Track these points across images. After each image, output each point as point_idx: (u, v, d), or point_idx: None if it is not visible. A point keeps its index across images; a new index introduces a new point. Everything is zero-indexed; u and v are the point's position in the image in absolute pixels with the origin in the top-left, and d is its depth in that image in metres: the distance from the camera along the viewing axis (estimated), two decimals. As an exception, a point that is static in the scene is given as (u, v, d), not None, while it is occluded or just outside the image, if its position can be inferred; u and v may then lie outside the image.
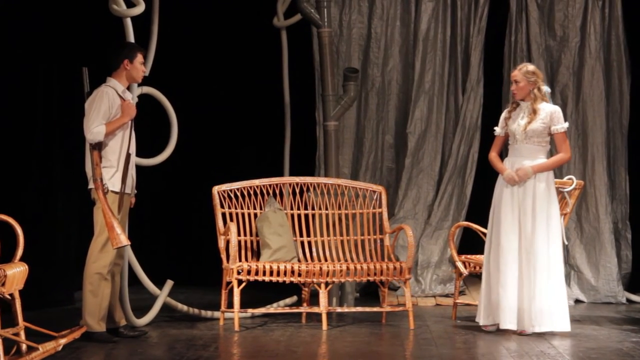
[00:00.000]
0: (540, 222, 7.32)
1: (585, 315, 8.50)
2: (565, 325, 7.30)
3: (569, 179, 7.87)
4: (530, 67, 7.54)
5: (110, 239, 6.70)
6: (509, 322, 7.28)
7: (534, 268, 7.28)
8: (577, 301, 9.40)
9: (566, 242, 8.74)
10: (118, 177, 6.86)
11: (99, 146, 6.81)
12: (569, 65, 9.65)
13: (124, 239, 6.72)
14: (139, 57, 7.02)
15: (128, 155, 6.88)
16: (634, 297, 9.45)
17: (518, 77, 7.45)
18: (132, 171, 6.98)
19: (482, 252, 8.12)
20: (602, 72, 9.60)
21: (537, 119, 7.40)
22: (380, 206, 8.16)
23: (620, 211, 9.64)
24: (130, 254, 7.59)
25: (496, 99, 9.72)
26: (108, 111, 6.85)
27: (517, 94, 7.48)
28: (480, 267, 8.09)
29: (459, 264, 8.20)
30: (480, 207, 9.51)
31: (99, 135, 6.78)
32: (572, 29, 9.64)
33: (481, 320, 7.45)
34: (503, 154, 7.67)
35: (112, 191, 6.84)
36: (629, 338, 7.29)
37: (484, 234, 8.11)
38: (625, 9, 9.58)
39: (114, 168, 6.87)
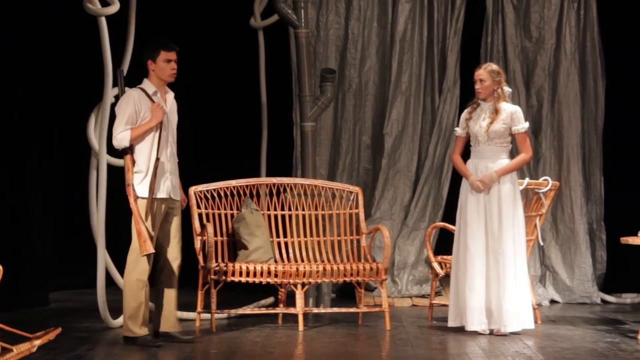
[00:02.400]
0: (507, 223, 7.33)
1: (560, 316, 8.53)
2: (531, 323, 7.34)
3: (545, 180, 7.90)
4: (495, 66, 7.56)
5: (138, 246, 6.59)
6: (476, 324, 7.29)
7: (502, 269, 7.29)
8: (552, 301, 9.43)
9: (542, 243, 8.80)
10: (146, 183, 6.64)
11: (131, 150, 6.63)
12: (545, 66, 9.69)
13: (149, 247, 6.55)
14: (163, 55, 6.74)
15: (157, 160, 6.65)
16: (608, 298, 9.49)
17: (484, 76, 7.45)
18: (168, 176, 6.74)
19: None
20: (578, 73, 9.64)
21: (498, 120, 7.40)
22: (357, 207, 8.17)
23: (595, 212, 9.68)
24: (106, 255, 7.56)
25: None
26: (134, 115, 6.65)
27: (481, 93, 7.47)
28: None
29: (435, 265, 8.22)
30: (456, 208, 9.52)
31: (124, 141, 6.61)
32: (548, 30, 9.68)
33: (451, 322, 7.45)
34: (464, 155, 7.65)
35: (141, 197, 6.65)
36: (603, 338, 7.33)
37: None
38: (600, 12, 9.62)
39: (143, 173, 6.66)
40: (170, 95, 6.87)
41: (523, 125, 7.43)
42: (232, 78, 9.96)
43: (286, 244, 8.11)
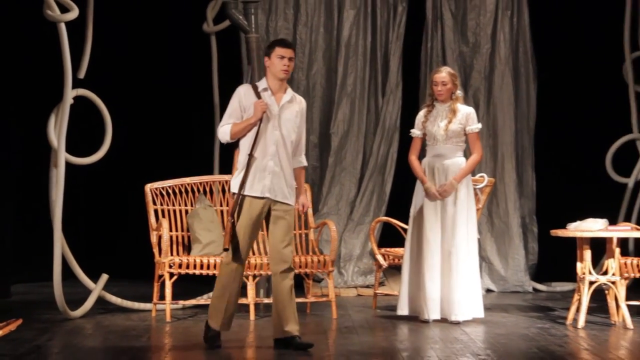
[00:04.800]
0: (461, 220, 7.39)
1: (495, 304, 8.60)
2: (481, 313, 7.42)
3: (481, 176, 7.96)
4: (452, 70, 7.63)
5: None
6: (433, 313, 7.34)
7: (456, 262, 7.35)
8: (488, 290, 9.51)
9: (478, 236, 8.86)
10: (239, 179, 6.18)
11: (237, 145, 6.24)
12: (481, 70, 9.76)
13: (226, 242, 6.14)
14: (277, 51, 6.20)
15: (250, 157, 6.14)
16: (539, 286, 9.59)
17: (446, 79, 7.49)
18: (267, 175, 6.16)
19: (400, 246, 8.19)
20: (511, 77, 9.72)
21: (455, 120, 7.46)
22: (304, 202, 8.16)
23: (528, 206, 9.78)
24: (65, 249, 7.50)
25: (414, 102, 9.79)
26: (238, 110, 6.23)
27: (442, 95, 7.50)
28: (399, 260, 8.15)
29: (379, 257, 8.26)
30: (399, 203, 9.58)
31: (225, 135, 6.22)
32: (484, 36, 9.75)
33: (400, 311, 7.48)
34: (420, 155, 7.70)
35: (232, 192, 6.22)
36: (535, 324, 7.41)
37: (403, 229, 8.18)
38: (532, 19, 9.71)
39: (239, 169, 6.22)
40: (287, 95, 6.26)
41: (477, 126, 7.51)
42: (186, 80, 9.92)
43: (238, 237, 8.09)
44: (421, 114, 7.63)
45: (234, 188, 6.20)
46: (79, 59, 7.68)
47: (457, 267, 7.34)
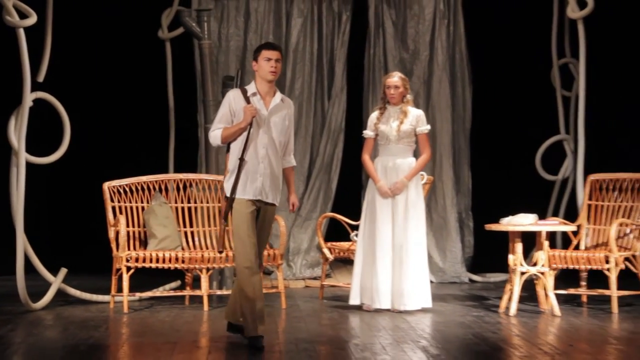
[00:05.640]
0: (411, 215, 7.42)
1: (434, 294, 8.58)
2: (429, 303, 7.44)
3: (421, 174, 8.00)
4: (403, 75, 7.66)
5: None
6: (383, 303, 7.35)
7: (406, 255, 7.37)
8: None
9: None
10: (230, 182, 5.97)
11: (228, 149, 6.02)
12: (420, 75, 9.80)
13: (219, 245, 6.07)
14: (263, 54, 6.01)
15: (241, 161, 5.93)
16: (475, 277, 9.65)
17: (399, 83, 7.51)
18: (258, 178, 5.96)
19: (345, 240, 8.21)
20: (448, 81, 9.78)
21: (406, 121, 7.48)
22: (255, 199, 8.14)
23: (464, 203, 9.84)
24: (26, 244, 7.40)
25: (358, 104, 9.82)
26: (228, 115, 6.01)
27: (395, 98, 7.52)
28: (344, 253, 8.17)
29: (325, 250, 8.26)
30: (344, 200, 9.61)
31: (215, 140, 6.00)
32: (423, 43, 9.79)
33: (352, 300, 7.48)
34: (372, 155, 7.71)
35: (225, 196, 6.01)
36: (470, 312, 7.46)
37: (348, 224, 8.20)
38: (467, 28, 9.78)
39: (230, 172, 6.00)
40: (276, 98, 6.08)
41: (426, 127, 7.54)
42: (142, 84, 9.83)
43: (192, 233, 8.05)
44: (374, 115, 7.63)
45: (226, 192, 5.98)
46: (39, 62, 7.57)
47: (407, 260, 7.36)
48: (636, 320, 7.06)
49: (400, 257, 7.36)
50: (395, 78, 7.52)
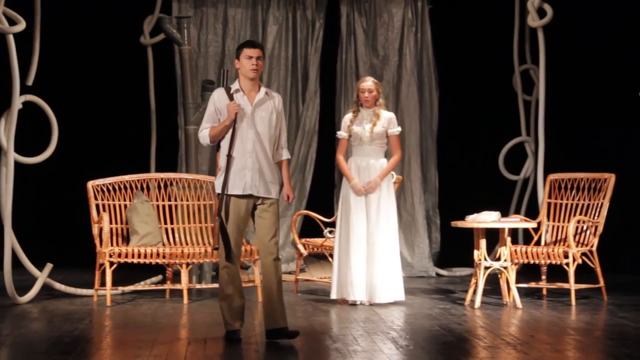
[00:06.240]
0: (383, 212, 7.43)
1: (403, 288, 8.67)
2: (402, 296, 7.46)
3: (390, 174, 8.03)
4: (375, 80, 7.68)
5: None
6: (359, 296, 7.36)
7: (379, 250, 7.38)
8: (397, 275, 9.57)
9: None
10: (221, 180, 5.83)
11: (218, 148, 5.88)
12: (390, 80, 9.82)
13: (215, 242, 5.85)
14: (244, 52, 5.85)
15: (229, 157, 5.79)
16: (441, 272, 9.68)
17: (373, 87, 7.53)
18: (247, 173, 5.81)
19: (319, 236, 8.22)
20: (417, 86, 9.81)
21: (378, 124, 7.50)
22: (233, 198, 8.13)
23: (431, 201, 9.87)
24: (13, 240, 7.35)
25: (331, 107, 9.83)
26: (214, 114, 5.87)
27: (369, 101, 7.53)
28: (317, 249, 8.18)
29: (300, 246, 8.26)
30: (318, 198, 9.62)
31: (204, 139, 5.87)
32: (392, 50, 9.82)
33: (333, 295, 7.49)
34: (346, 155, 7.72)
35: (217, 193, 5.86)
36: (437, 305, 7.49)
37: (322, 221, 8.21)
38: (434, 36, 9.81)
39: (221, 170, 5.86)
40: (260, 93, 5.90)
41: (397, 129, 7.56)
42: (126, 88, 9.80)
43: (173, 229, 8.03)
44: (347, 117, 7.63)
45: (217, 189, 5.86)
46: (28, 67, 7.53)
47: (380, 255, 7.38)
48: (593, 312, 7.13)
49: (373, 253, 7.38)
50: (369, 82, 7.54)
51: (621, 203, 8.23)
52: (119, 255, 7.44)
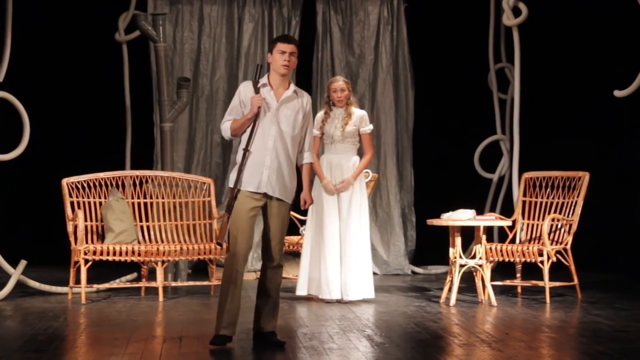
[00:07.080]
0: (355, 211, 7.45)
1: (379, 285, 8.66)
2: (371, 293, 7.47)
3: (366, 172, 8.03)
4: (345, 79, 7.70)
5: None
6: (333, 293, 7.37)
7: (350, 248, 7.40)
8: (373, 273, 9.56)
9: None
10: (235, 174, 5.58)
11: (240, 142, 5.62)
12: (366, 78, 9.84)
13: (221, 236, 5.60)
14: (278, 46, 5.61)
15: (245, 151, 5.53)
16: (417, 270, 9.71)
17: (344, 86, 7.55)
18: (264, 171, 5.55)
19: (295, 234, 8.22)
20: (392, 84, 9.82)
21: (350, 122, 7.52)
22: (209, 195, 8.13)
23: (407, 199, 9.90)
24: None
25: (306, 105, 9.80)
26: (238, 107, 5.60)
27: (342, 101, 7.55)
28: (293, 247, 8.18)
29: (275, 244, 8.22)
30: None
31: (225, 132, 5.60)
32: (368, 48, 9.83)
33: (299, 291, 7.49)
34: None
35: (230, 187, 5.61)
36: (413, 303, 7.51)
37: (297, 219, 8.20)
38: (409, 33, 9.83)
39: (236, 164, 5.61)
40: (289, 91, 5.64)
41: (369, 127, 7.57)
42: (100, 85, 9.75)
43: (148, 227, 8.00)
44: (319, 116, 7.65)
45: (230, 182, 5.62)
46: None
47: (351, 253, 7.39)
48: (567, 310, 7.17)
49: (345, 250, 7.40)
50: (340, 82, 7.57)
51: (595, 201, 8.29)
52: (94, 253, 7.40)
